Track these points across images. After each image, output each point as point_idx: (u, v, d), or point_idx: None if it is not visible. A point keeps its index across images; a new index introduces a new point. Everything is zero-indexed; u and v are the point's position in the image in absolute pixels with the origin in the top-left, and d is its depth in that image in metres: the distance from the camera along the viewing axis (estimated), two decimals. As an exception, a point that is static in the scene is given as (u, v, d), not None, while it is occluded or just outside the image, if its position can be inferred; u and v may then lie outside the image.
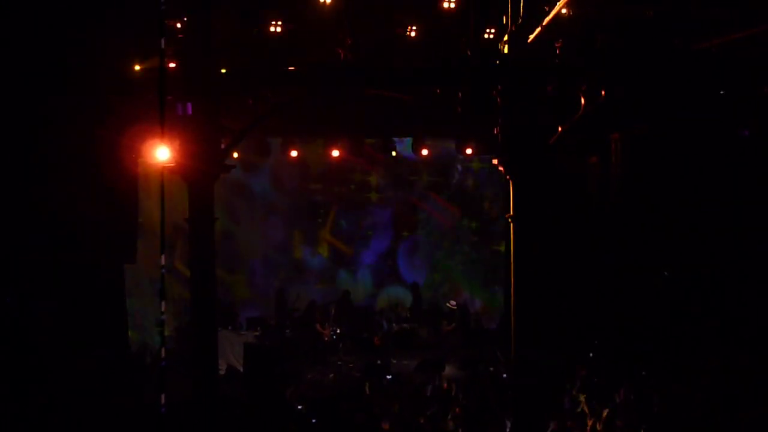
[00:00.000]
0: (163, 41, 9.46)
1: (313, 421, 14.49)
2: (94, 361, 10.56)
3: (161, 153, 12.54)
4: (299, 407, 15.14)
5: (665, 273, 19.31)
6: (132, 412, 11.58)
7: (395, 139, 20.61)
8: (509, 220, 13.34)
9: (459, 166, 23.98)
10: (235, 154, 16.67)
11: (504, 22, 13.16)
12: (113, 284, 11.33)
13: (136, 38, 11.39)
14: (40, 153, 10.07)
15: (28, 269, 10.10)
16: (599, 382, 15.89)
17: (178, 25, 13.63)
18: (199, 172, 13.01)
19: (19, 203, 9.98)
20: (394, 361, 19.35)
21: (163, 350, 9.10)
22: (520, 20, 12.65)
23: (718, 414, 14.06)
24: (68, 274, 10.34)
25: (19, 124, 9.94)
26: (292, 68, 13.59)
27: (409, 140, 20.70)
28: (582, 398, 14.72)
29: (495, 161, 13.40)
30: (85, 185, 10.34)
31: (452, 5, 13.96)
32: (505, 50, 13.07)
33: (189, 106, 13.26)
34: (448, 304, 22.90)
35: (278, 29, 13.96)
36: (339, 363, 19.69)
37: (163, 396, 8.36)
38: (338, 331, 20.72)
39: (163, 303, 9.83)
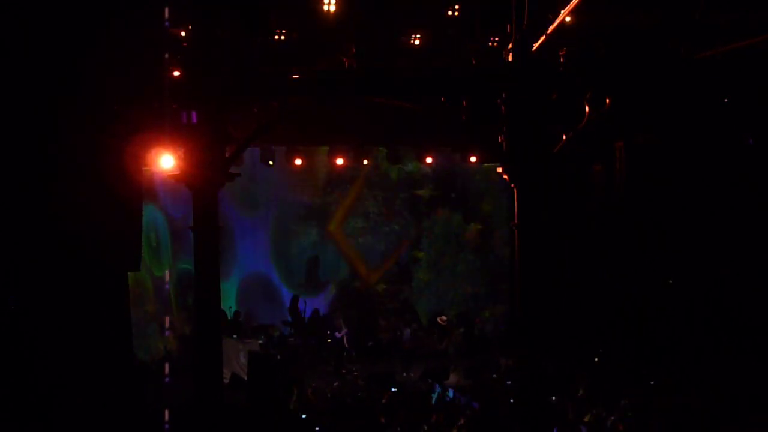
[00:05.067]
0: (167, 50, 9.54)
1: (317, 429, 14.48)
2: (97, 368, 10.54)
3: (166, 161, 12.61)
4: (303, 416, 15.12)
5: (669, 280, 19.31)
6: (135, 416, 11.56)
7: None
8: (513, 227, 13.34)
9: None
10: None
11: (508, 30, 13.18)
12: (117, 291, 11.31)
13: (143, 45, 11.43)
14: (46, 159, 10.07)
15: (31, 275, 10.09)
16: (604, 389, 15.87)
17: (183, 34, 13.68)
18: (204, 180, 13.03)
19: (23, 209, 9.98)
20: (405, 374, 19.38)
21: (167, 366, 9.14)
22: (524, 28, 12.67)
23: (720, 421, 14.03)
24: (72, 281, 10.33)
25: (25, 131, 9.95)
26: (296, 76, 13.61)
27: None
28: (586, 405, 14.71)
29: (499, 169, 13.41)
30: (90, 192, 10.33)
31: (456, 13, 13.99)
32: (510, 58, 13.08)
33: (194, 114, 13.29)
34: (438, 320, 22.86)
35: (283, 37, 14.00)
36: (344, 371, 19.67)
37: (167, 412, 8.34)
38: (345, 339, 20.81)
39: (167, 319, 9.84)
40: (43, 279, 9.62)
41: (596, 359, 18.15)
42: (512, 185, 13.27)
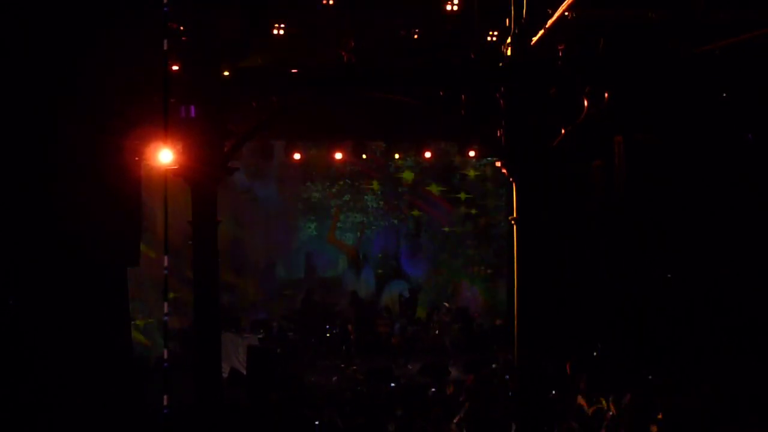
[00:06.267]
0: (166, 44, 9.51)
1: (317, 423, 14.48)
2: (96, 363, 10.56)
3: (165, 156, 12.59)
4: (303, 411, 15.11)
5: (668, 276, 19.29)
6: (135, 415, 11.58)
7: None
8: (512, 222, 13.33)
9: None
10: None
11: (507, 24, 13.16)
12: (116, 287, 11.33)
13: (141, 41, 11.42)
14: (44, 155, 10.08)
15: (31, 271, 10.10)
16: (603, 386, 15.88)
17: (182, 28, 13.64)
18: (203, 175, 13.01)
19: (22, 205, 9.99)
20: (405, 365, 19.40)
21: (165, 352, 9.22)
22: (523, 22, 12.64)
23: (720, 421, 14.02)
24: (71, 277, 10.35)
25: (24, 127, 9.96)
26: (295, 71, 13.59)
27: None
28: (584, 401, 14.71)
29: (498, 164, 13.40)
30: (89, 188, 10.35)
31: (455, 7, 13.95)
32: (508, 53, 13.06)
33: (192, 108, 13.27)
34: (444, 304, 22.99)
35: (281, 32, 13.96)
36: (342, 365, 19.68)
37: (165, 398, 8.38)
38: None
39: (165, 305, 9.87)
40: (43, 278, 9.64)
41: (595, 354, 18.14)
42: (511, 179, 13.26)
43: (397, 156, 21.86)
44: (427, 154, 21.53)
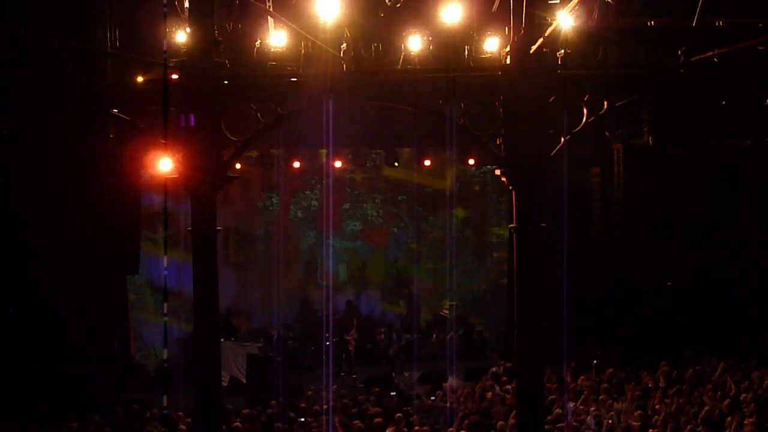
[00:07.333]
0: (166, 52, 9.54)
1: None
2: (97, 369, 10.59)
3: (164, 164, 12.62)
4: (301, 419, 15.11)
5: (668, 283, 19.33)
6: (136, 419, 11.60)
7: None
8: (512, 230, 13.33)
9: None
10: (238, 165, 16.74)
11: (506, 32, 13.18)
12: (116, 294, 11.37)
13: (140, 49, 11.46)
14: (45, 165, 10.12)
15: (32, 279, 10.14)
16: (603, 389, 15.91)
17: (181, 36, 13.67)
18: (202, 183, 12.99)
19: (23, 214, 10.03)
20: (402, 374, 19.37)
21: (165, 352, 9.25)
22: (522, 31, 12.67)
23: (721, 421, 14.05)
24: (72, 284, 10.38)
25: (25, 136, 9.99)
26: (295, 79, 13.61)
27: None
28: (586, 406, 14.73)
29: (498, 172, 13.41)
30: (89, 197, 10.38)
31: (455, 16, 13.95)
32: (508, 61, 13.08)
33: (192, 117, 13.27)
34: (441, 313, 22.99)
35: (281, 41, 13.99)
36: (342, 374, 19.67)
37: (165, 398, 8.41)
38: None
39: (165, 305, 9.90)
40: (43, 281, 9.66)
41: (595, 361, 18.17)
42: (510, 188, 13.26)
43: (396, 164, 21.87)
44: (427, 162, 21.58)
